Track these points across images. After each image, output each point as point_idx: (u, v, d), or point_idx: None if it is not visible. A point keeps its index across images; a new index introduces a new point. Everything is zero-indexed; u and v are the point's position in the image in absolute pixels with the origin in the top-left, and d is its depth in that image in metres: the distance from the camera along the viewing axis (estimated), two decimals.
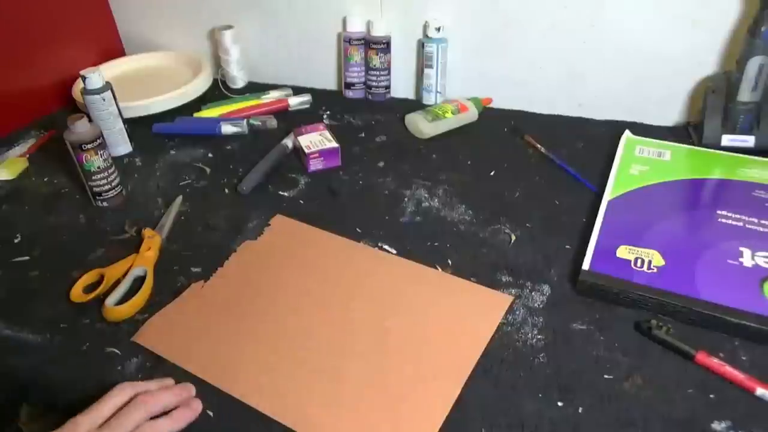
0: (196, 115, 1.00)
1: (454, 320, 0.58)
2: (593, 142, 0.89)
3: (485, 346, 0.55)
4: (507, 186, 0.80)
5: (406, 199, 0.78)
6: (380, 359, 0.54)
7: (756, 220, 0.66)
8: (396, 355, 0.54)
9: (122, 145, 0.90)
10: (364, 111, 1.02)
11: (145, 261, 0.66)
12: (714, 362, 0.52)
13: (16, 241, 0.73)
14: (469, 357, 0.54)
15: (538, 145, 0.88)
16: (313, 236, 0.71)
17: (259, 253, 0.69)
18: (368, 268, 0.65)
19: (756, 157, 0.78)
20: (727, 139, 0.83)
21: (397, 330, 0.57)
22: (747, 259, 0.60)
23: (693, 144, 0.85)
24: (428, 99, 1.02)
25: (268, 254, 0.68)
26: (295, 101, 1.03)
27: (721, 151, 0.80)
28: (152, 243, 0.68)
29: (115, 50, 1.20)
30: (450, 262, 0.66)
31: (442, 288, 0.62)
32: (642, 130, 0.89)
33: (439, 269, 0.65)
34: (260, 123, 0.96)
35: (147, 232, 0.70)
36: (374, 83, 1.03)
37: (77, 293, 0.62)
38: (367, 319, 0.59)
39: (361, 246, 0.69)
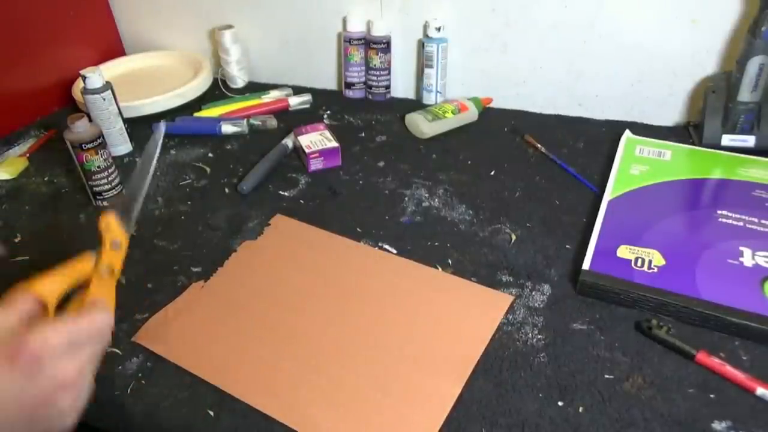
0: (196, 114, 1.00)
1: (454, 320, 0.58)
2: (593, 142, 0.89)
3: (486, 346, 0.55)
4: (507, 186, 0.80)
5: (406, 198, 0.78)
6: (380, 358, 0.54)
7: (756, 220, 0.66)
8: (396, 355, 0.54)
9: (122, 145, 0.90)
10: (364, 111, 1.02)
11: (103, 290, 0.44)
12: (714, 362, 0.52)
13: (16, 241, 0.73)
14: (469, 356, 0.54)
15: (538, 145, 0.88)
16: (314, 236, 0.71)
17: (259, 253, 0.69)
18: (368, 267, 0.65)
19: (756, 157, 0.78)
20: (727, 139, 0.83)
21: (397, 329, 0.57)
22: (747, 258, 0.60)
23: (693, 144, 0.85)
24: (428, 99, 1.02)
25: (268, 254, 0.68)
26: (295, 101, 1.03)
27: (722, 151, 0.80)
28: (115, 259, 0.48)
29: (115, 50, 1.20)
30: (450, 261, 0.66)
31: (443, 287, 0.62)
32: (642, 130, 0.89)
33: (440, 269, 0.65)
34: (260, 123, 0.96)
35: (107, 226, 0.48)
36: (374, 83, 1.03)
37: None
38: (367, 319, 0.59)
39: (361, 246, 0.69)
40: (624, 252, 0.62)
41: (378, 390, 0.51)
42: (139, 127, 0.95)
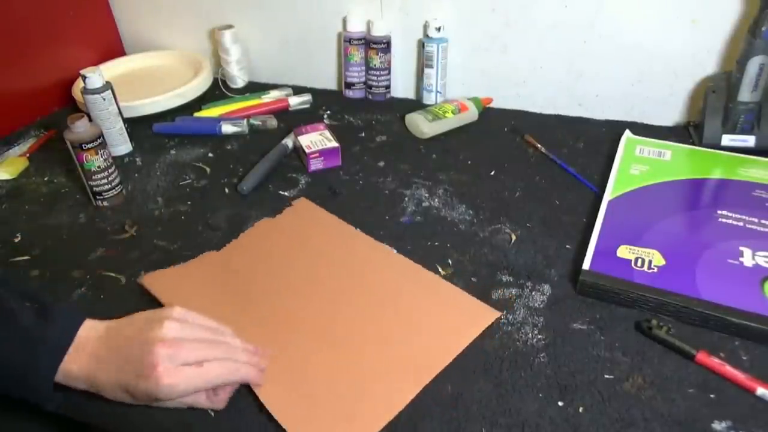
0: (196, 114, 1.00)
1: (434, 326, 0.57)
2: (593, 142, 0.89)
3: (453, 358, 0.54)
4: (507, 186, 0.80)
5: (406, 198, 0.78)
6: (352, 349, 0.55)
7: (756, 220, 0.66)
8: (368, 350, 0.55)
9: (122, 145, 0.90)
10: (364, 111, 1.02)
11: None
12: (714, 362, 0.52)
13: (16, 240, 0.73)
14: (434, 365, 0.53)
15: (538, 145, 0.88)
16: (327, 222, 0.72)
17: (270, 231, 0.71)
18: (369, 261, 0.66)
19: (756, 157, 0.78)
20: (727, 139, 0.83)
21: (376, 325, 0.57)
22: (747, 258, 0.60)
23: (693, 144, 0.85)
24: (428, 99, 1.02)
25: (280, 233, 0.71)
26: (295, 101, 1.03)
27: (722, 151, 0.80)
28: None
29: (115, 50, 1.20)
30: (450, 261, 0.66)
31: (435, 292, 0.62)
32: (642, 130, 0.89)
33: (441, 271, 0.65)
34: (260, 123, 0.96)
35: None
36: (374, 83, 1.03)
37: None
38: (352, 310, 0.59)
39: (369, 240, 0.69)
40: (624, 252, 0.62)
41: (337, 379, 0.52)
42: (139, 127, 0.95)
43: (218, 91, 1.10)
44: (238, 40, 1.09)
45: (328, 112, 1.02)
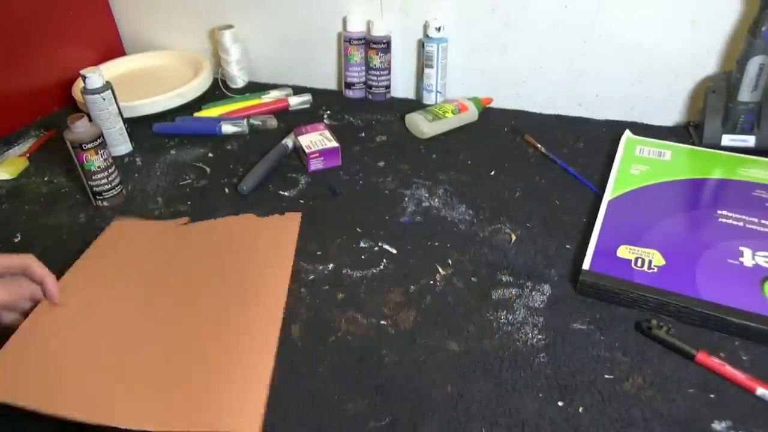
0: (196, 114, 1.00)
1: (203, 397, 0.50)
2: (593, 142, 0.89)
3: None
4: (507, 186, 0.80)
5: (406, 198, 0.78)
6: (134, 358, 0.54)
7: (756, 220, 0.66)
8: (146, 366, 0.53)
9: (122, 145, 0.90)
10: (364, 111, 1.02)
11: None
12: (714, 362, 0.52)
13: (16, 240, 0.73)
14: (165, 424, 0.48)
15: (538, 145, 0.88)
16: (279, 248, 0.68)
17: (232, 228, 0.72)
18: (250, 301, 0.60)
19: (756, 157, 0.78)
20: (727, 139, 0.83)
21: (174, 355, 0.54)
22: (747, 258, 0.61)
23: (693, 144, 0.85)
24: (428, 99, 1.02)
25: (234, 233, 0.71)
26: (295, 101, 1.03)
27: (722, 151, 0.80)
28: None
29: (115, 50, 1.20)
30: (450, 261, 0.66)
31: (247, 375, 0.52)
32: (642, 130, 0.89)
33: (441, 271, 0.65)
34: (260, 123, 0.96)
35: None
36: (374, 83, 1.03)
37: None
38: (172, 330, 0.56)
39: (282, 291, 0.62)
40: (624, 252, 0.62)
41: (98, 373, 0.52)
42: (139, 127, 0.95)
43: (218, 91, 1.10)
44: (238, 40, 1.09)
45: (328, 112, 1.02)
